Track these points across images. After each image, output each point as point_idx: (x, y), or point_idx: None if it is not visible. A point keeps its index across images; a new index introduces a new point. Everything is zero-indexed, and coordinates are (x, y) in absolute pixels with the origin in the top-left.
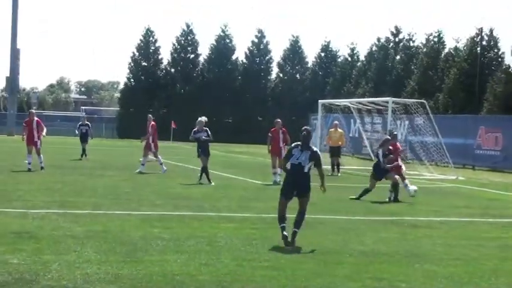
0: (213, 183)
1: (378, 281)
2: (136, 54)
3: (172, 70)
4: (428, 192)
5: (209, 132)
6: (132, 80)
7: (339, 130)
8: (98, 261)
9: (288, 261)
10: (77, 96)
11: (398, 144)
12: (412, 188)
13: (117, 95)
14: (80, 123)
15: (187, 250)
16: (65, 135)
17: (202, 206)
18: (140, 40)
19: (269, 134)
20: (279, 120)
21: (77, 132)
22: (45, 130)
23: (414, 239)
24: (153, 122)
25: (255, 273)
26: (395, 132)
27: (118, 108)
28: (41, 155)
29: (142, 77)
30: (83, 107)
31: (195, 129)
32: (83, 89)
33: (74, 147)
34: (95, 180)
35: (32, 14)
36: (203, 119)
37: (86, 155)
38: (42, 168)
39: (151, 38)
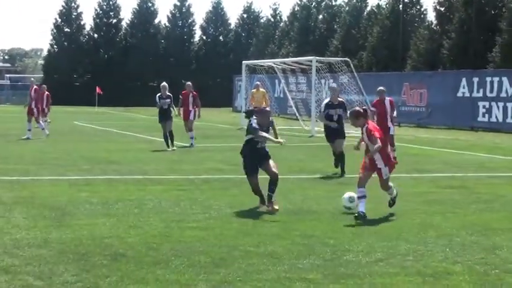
0: (174, 148)
1: (307, 238)
2: (59, 20)
3: (96, 35)
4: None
5: (171, 98)
6: (55, 46)
7: (261, 90)
8: (27, 226)
9: (217, 221)
10: (1, 64)
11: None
12: None
13: (41, 62)
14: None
15: (116, 213)
16: None
17: (130, 169)
18: (62, 6)
19: (180, 97)
20: (190, 83)
21: None
22: None
23: (341, 196)
24: (35, 87)
25: (184, 233)
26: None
27: (42, 75)
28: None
29: (66, 43)
30: (7, 75)
31: (159, 94)
32: (6, 57)
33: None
34: (21, 146)
35: None
36: (165, 84)
37: None
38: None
39: (73, 4)
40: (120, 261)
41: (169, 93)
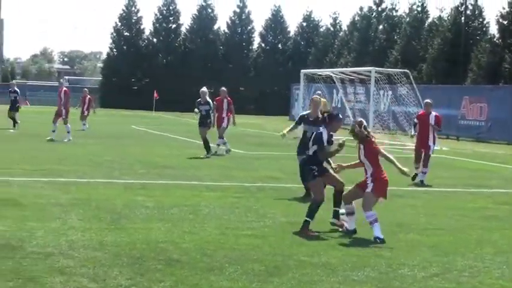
0: (208, 156)
1: (362, 250)
2: (119, 24)
3: (155, 40)
4: (412, 162)
5: (211, 105)
6: (114, 50)
7: (323, 100)
8: (82, 228)
9: (271, 230)
10: (60, 66)
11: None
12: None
13: (100, 65)
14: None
15: (171, 218)
16: (49, 104)
17: (185, 175)
18: (123, 10)
19: (213, 103)
20: (224, 88)
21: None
22: None
23: (398, 209)
24: (65, 89)
25: (238, 241)
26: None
27: (101, 78)
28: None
29: (125, 47)
30: (66, 77)
31: (198, 100)
32: (66, 59)
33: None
34: (78, 148)
35: None
36: (205, 89)
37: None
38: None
39: (133, 8)
40: (175, 266)
41: (209, 99)
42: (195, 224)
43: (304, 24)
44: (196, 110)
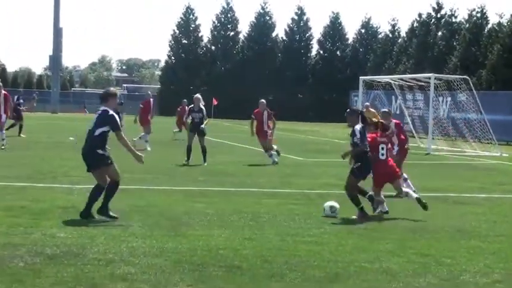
0: (205, 164)
1: (423, 256)
2: (177, 32)
3: (213, 48)
4: (472, 169)
5: (204, 113)
6: (172, 57)
7: (371, 110)
8: (143, 235)
9: (332, 237)
10: (118, 74)
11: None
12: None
13: (158, 72)
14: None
15: (231, 225)
16: None
17: (245, 182)
18: (180, 18)
19: (252, 116)
20: (263, 100)
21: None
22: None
23: (459, 216)
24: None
25: (298, 247)
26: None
27: (159, 86)
28: (3, 131)
29: (183, 55)
30: (125, 85)
31: (191, 106)
32: (124, 67)
33: None
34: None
35: None
36: (198, 96)
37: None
38: (2, 146)
39: (191, 16)
40: (235, 273)
41: (202, 107)
42: (255, 231)
43: (363, 31)
44: (188, 117)
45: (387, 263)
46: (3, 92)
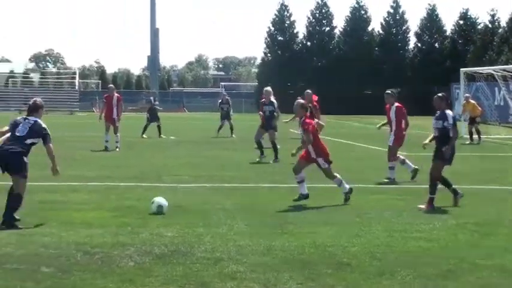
0: (278, 160)
1: None
2: (272, 29)
3: (308, 43)
4: None
5: (275, 106)
6: (268, 54)
7: (471, 101)
8: (249, 233)
9: (441, 232)
10: (215, 72)
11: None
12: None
13: (255, 70)
14: (220, 101)
15: (337, 222)
16: (205, 111)
17: (348, 177)
18: (275, 15)
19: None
20: (309, 91)
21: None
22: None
23: None
24: (117, 95)
25: (408, 244)
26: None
27: (256, 83)
28: (118, 134)
29: (279, 52)
30: (222, 83)
31: (262, 100)
32: (220, 66)
33: (214, 123)
34: (238, 154)
35: None
36: (269, 88)
37: (231, 133)
38: (117, 148)
39: (286, 13)
40: (345, 270)
41: (273, 100)
42: (361, 227)
43: (461, 22)
44: (260, 112)
45: (501, 259)
46: (116, 94)
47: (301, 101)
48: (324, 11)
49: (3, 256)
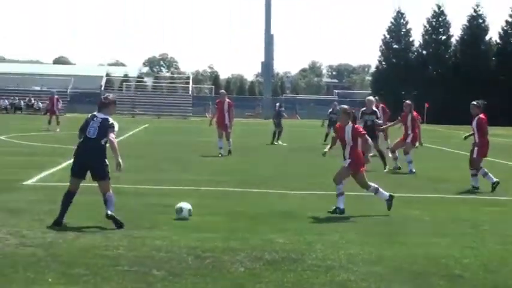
0: (386, 169)
1: None
2: (388, 37)
3: (424, 52)
4: None
5: (378, 114)
6: (383, 62)
7: None
8: (360, 241)
9: None
10: (329, 80)
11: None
12: None
13: (368, 78)
14: (330, 110)
15: (450, 233)
16: (319, 118)
17: (462, 188)
18: (391, 23)
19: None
20: (371, 97)
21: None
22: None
23: None
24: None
25: None
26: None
27: (370, 92)
28: (230, 140)
29: (394, 60)
30: (336, 91)
31: (364, 109)
32: (334, 73)
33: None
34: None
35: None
36: (371, 98)
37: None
38: (229, 152)
39: (402, 20)
40: (457, 282)
41: (375, 109)
42: (475, 239)
43: None
44: (360, 119)
45: None
46: (227, 100)
47: (345, 106)
48: (440, 19)
49: (115, 258)
